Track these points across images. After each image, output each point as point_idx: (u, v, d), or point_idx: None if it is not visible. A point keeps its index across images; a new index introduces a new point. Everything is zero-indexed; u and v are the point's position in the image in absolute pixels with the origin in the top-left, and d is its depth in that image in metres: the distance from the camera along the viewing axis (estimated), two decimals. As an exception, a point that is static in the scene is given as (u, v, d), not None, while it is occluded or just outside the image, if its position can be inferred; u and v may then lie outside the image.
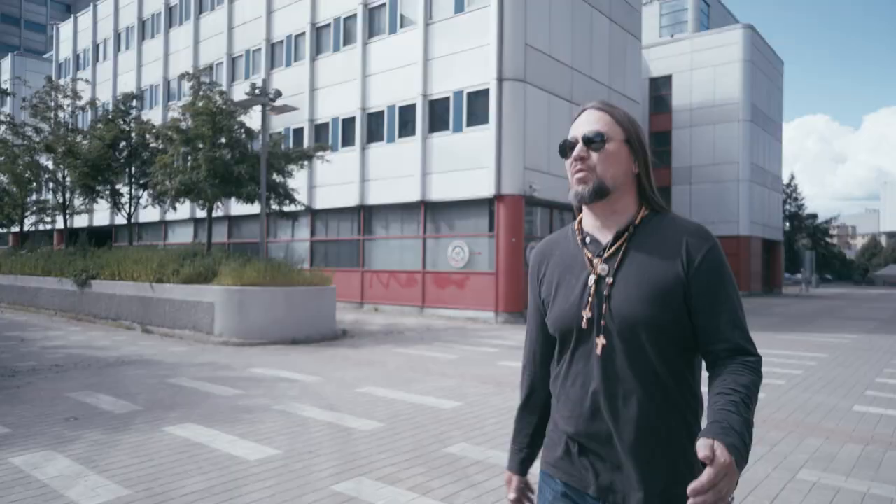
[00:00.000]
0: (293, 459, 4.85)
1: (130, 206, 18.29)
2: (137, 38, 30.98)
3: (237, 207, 21.53)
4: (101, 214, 30.42)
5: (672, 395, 1.44)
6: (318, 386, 7.85)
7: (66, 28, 36.97)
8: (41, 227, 25.59)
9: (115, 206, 18.11)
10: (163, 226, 28.59)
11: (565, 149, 1.55)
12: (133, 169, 17.72)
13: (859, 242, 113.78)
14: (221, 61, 25.64)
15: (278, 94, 13.38)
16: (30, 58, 48.91)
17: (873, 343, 13.09)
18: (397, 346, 11.88)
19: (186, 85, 26.62)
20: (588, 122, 1.53)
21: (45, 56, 53.50)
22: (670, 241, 1.46)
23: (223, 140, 14.29)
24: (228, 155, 13.74)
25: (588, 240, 1.55)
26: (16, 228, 25.71)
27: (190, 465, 4.68)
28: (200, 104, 14.34)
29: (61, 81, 20.58)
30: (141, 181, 18.07)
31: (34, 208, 23.34)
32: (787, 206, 56.83)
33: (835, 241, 71.07)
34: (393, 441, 5.40)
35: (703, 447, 1.18)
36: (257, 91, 13.03)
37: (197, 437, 5.45)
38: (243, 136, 14.96)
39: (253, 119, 16.47)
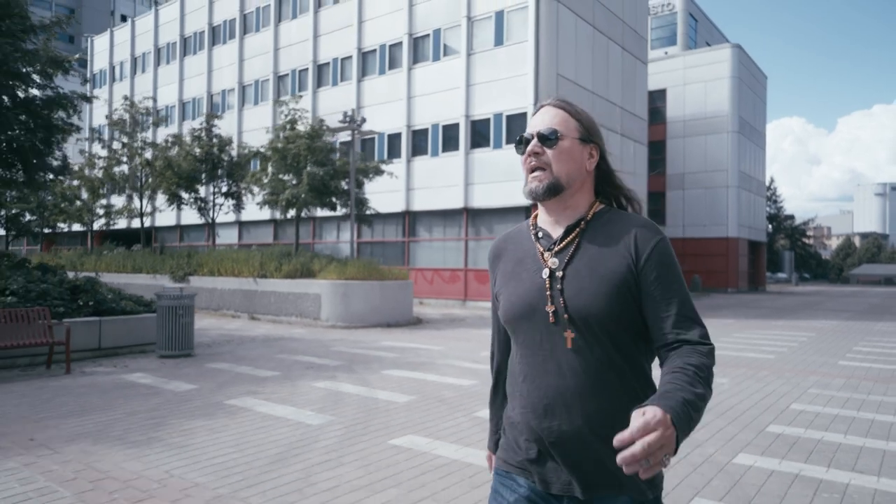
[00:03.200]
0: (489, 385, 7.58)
1: (213, 211, 20.90)
2: (179, 54, 33.26)
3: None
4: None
5: (629, 384, 1.45)
6: (449, 351, 10.56)
7: (101, 41, 39.16)
8: (94, 228, 27.91)
9: (200, 211, 20.70)
10: (206, 228, 30.99)
11: (520, 144, 1.56)
12: (216, 179, 20.35)
13: (834, 243, 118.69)
14: (268, 79, 28.16)
15: (363, 120, 16.12)
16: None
17: (850, 327, 16.12)
18: (472, 328, 14.61)
19: (233, 98, 29.13)
20: (544, 120, 1.54)
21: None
22: (620, 235, 1.48)
23: (316, 158, 16.99)
24: (322, 171, 16.39)
25: (540, 234, 1.57)
26: (83, 229, 28.12)
27: (428, 389, 7.39)
28: (290, 128, 17.00)
29: (135, 99, 23.03)
30: (223, 190, 20.72)
31: (102, 212, 25.80)
32: (767, 209, 60.40)
33: (811, 241, 74.82)
34: (541, 377, 8.15)
35: (634, 413, 1.15)
36: (347, 119, 15.77)
37: (410, 375, 8.16)
38: (328, 153, 17.64)
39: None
